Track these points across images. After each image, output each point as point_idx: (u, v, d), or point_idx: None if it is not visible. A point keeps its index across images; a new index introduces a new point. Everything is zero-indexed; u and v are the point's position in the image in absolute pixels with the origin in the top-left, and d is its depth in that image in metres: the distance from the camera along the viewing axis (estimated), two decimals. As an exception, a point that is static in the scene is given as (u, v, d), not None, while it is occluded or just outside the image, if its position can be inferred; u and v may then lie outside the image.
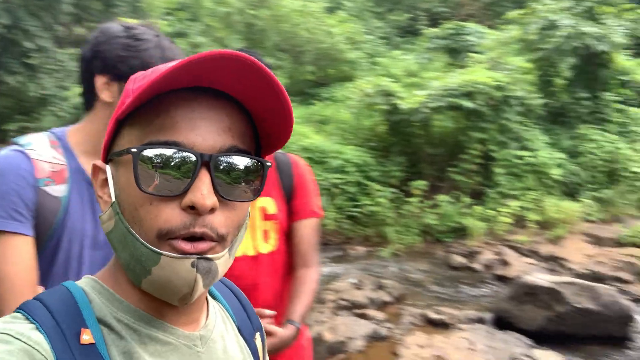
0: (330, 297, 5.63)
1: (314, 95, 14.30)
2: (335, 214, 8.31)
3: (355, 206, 8.51)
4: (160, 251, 0.64)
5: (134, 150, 0.63)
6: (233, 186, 0.66)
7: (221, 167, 0.65)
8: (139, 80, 0.69)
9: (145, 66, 1.39)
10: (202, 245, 0.64)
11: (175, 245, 0.64)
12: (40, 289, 1.33)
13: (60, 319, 0.64)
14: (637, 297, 6.07)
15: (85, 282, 0.72)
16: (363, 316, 5.24)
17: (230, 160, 0.66)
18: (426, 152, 9.51)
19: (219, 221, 0.65)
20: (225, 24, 13.97)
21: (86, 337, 0.64)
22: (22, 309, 0.66)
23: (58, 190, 1.36)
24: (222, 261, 0.68)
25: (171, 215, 0.64)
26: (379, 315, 5.34)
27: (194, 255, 0.64)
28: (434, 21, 16.68)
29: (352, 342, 4.60)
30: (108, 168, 0.70)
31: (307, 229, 1.94)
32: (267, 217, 1.88)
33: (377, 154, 9.57)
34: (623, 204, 9.25)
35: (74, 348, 0.63)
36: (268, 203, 1.89)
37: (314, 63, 14.96)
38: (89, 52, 1.43)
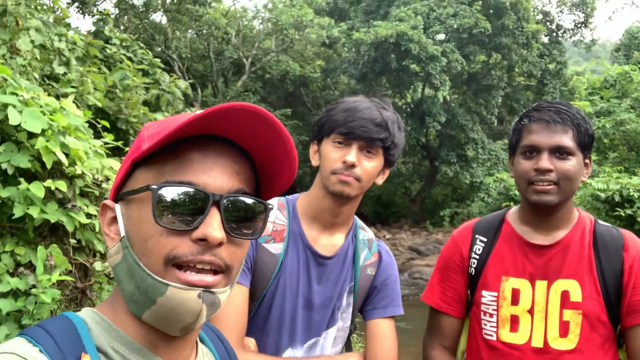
0: None
1: None
2: None
3: None
4: (168, 282, 0.68)
5: (154, 186, 0.70)
6: (239, 224, 0.73)
7: (229, 207, 0.72)
8: (153, 129, 0.75)
9: (331, 125, 1.41)
10: (209, 280, 0.70)
11: (182, 277, 0.69)
12: (250, 342, 1.43)
13: (61, 344, 0.69)
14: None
15: (85, 313, 0.76)
16: None
17: (238, 201, 0.73)
18: None
19: (225, 254, 0.71)
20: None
21: None
22: (25, 334, 0.70)
23: (276, 247, 1.47)
24: (224, 295, 0.73)
25: (180, 244, 0.69)
26: None
27: (200, 288, 0.69)
28: None
29: None
30: (117, 207, 0.76)
31: None
32: (568, 304, 1.52)
33: None
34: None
35: None
36: (572, 287, 1.52)
37: None
38: None
